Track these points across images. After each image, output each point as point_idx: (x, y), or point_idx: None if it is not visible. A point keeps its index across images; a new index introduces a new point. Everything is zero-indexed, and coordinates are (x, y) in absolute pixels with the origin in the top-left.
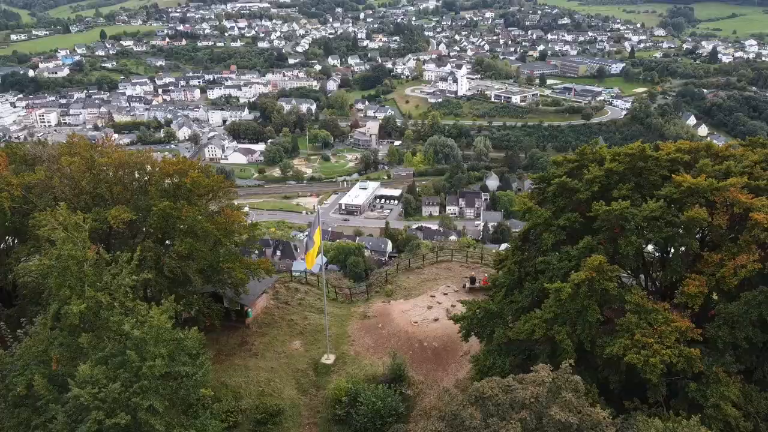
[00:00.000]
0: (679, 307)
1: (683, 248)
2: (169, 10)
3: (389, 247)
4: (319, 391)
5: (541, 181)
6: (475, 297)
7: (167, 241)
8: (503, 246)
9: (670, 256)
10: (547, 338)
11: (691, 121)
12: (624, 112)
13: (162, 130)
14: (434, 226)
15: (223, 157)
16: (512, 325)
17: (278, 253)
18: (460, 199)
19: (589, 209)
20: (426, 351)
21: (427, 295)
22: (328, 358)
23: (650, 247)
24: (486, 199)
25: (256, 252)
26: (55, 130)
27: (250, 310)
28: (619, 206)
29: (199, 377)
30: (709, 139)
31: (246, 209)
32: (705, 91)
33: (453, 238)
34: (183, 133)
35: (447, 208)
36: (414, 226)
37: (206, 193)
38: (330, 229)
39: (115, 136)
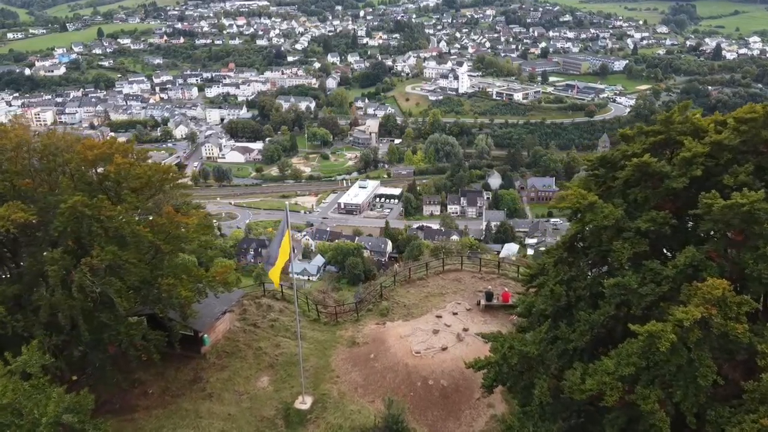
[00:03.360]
0: None
1: None
2: (168, 8)
3: (389, 247)
4: None
5: (604, 164)
6: (495, 318)
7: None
8: (506, 247)
9: None
10: (622, 403)
11: None
12: (628, 110)
13: (159, 129)
14: (435, 226)
15: (220, 155)
16: (557, 371)
17: None
18: (462, 198)
19: (688, 205)
20: (431, 392)
21: (432, 315)
22: (304, 402)
23: None
24: (488, 198)
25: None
26: (51, 129)
27: (206, 336)
28: (746, 199)
29: None
30: None
31: (206, 209)
32: (710, 88)
33: (455, 237)
34: (180, 131)
35: (448, 207)
36: (415, 226)
37: (143, 187)
38: (329, 229)
39: (111, 134)
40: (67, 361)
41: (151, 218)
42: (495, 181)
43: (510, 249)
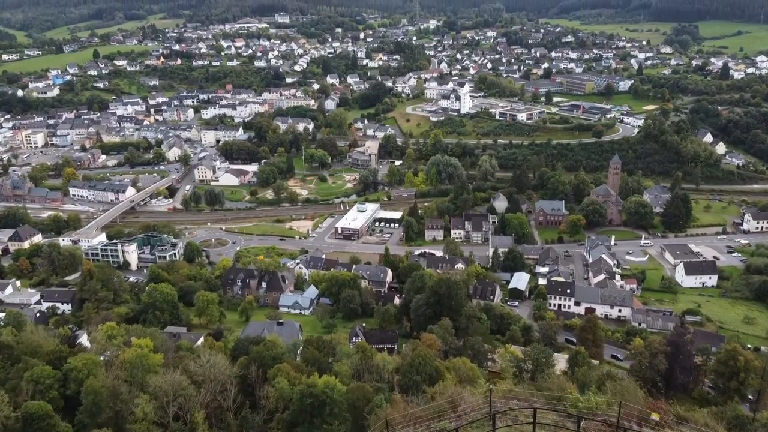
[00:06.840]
0: None
1: None
2: (166, 30)
3: (389, 276)
4: None
5: None
6: None
7: None
8: (516, 276)
9: None
10: None
11: (708, 138)
12: (636, 130)
13: (151, 151)
14: (439, 252)
15: (213, 178)
16: None
17: (263, 285)
18: (466, 222)
19: None
20: None
21: None
22: None
23: None
24: (494, 222)
25: None
26: (41, 152)
27: None
28: None
29: None
30: (727, 157)
31: None
32: (719, 107)
33: (460, 266)
34: (173, 153)
35: (452, 232)
36: (416, 252)
37: None
38: (324, 257)
39: (102, 157)
40: None
41: None
42: (501, 204)
43: (520, 278)
